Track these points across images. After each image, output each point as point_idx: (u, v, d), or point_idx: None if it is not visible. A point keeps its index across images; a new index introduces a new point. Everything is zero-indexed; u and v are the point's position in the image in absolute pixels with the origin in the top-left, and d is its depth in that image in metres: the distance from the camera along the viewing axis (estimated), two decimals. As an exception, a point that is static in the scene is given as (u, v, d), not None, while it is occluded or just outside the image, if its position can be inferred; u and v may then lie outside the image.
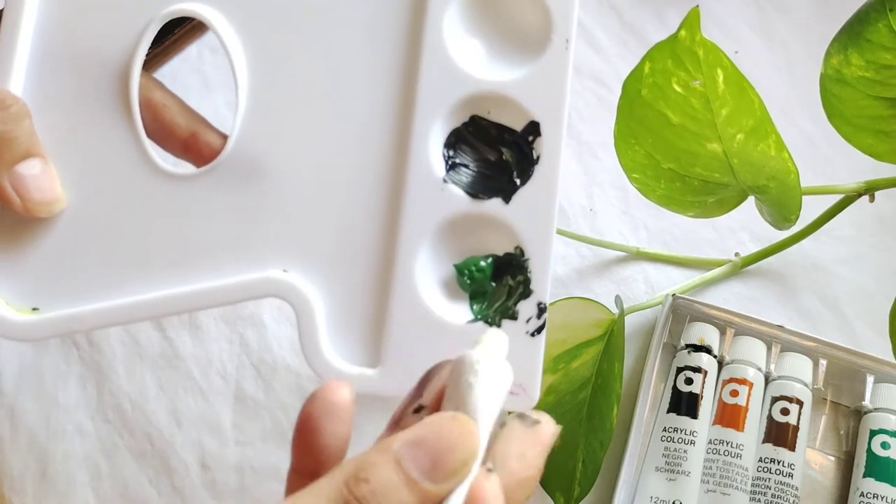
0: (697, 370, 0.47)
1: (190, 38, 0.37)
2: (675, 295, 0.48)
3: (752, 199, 0.46)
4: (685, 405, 0.46)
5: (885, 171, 0.46)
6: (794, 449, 0.45)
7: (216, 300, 0.32)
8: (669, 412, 0.46)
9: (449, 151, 0.32)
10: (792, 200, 0.43)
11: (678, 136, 0.42)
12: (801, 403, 0.46)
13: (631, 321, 0.50)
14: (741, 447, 0.45)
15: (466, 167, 0.32)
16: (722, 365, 0.48)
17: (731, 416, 0.46)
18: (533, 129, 0.31)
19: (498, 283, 0.31)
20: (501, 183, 0.31)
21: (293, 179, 0.32)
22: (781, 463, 0.45)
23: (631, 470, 0.46)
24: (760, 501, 0.44)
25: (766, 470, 0.45)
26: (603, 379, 0.46)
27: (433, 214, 0.31)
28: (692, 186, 0.45)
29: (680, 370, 0.47)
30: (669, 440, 0.45)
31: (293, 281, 0.31)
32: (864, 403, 0.46)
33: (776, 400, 0.46)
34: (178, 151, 0.34)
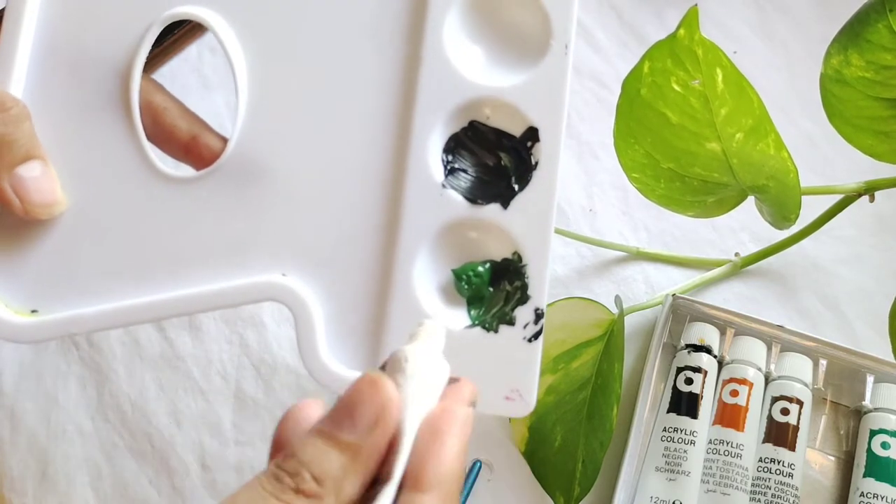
0: (697, 370, 0.47)
1: (190, 38, 0.37)
2: (675, 295, 0.48)
3: (751, 198, 0.46)
4: (685, 405, 0.46)
5: (885, 171, 0.46)
6: (794, 449, 0.45)
7: (215, 304, 0.32)
8: (669, 412, 0.46)
9: (448, 156, 0.32)
10: (791, 200, 0.43)
11: (677, 135, 0.42)
12: (801, 403, 0.46)
13: (631, 321, 0.50)
14: (741, 447, 0.45)
15: (465, 172, 0.32)
16: (722, 365, 0.48)
17: (731, 416, 0.46)
18: (532, 134, 0.31)
19: (495, 288, 0.31)
20: (500, 188, 0.31)
21: (293, 183, 0.32)
22: (781, 463, 0.45)
23: (631, 470, 0.46)
24: (760, 501, 0.44)
25: (766, 470, 0.45)
26: (603, 379, 0.46)
27: (432, 219, 0.31)
28: (692, 186, 0.45)
29: (680, 370, 0.47)
30: (669, 440, 0.45)
31: (292, 285, 0.31)
32: (864, 403, 0.46)
33: (776, 400, 0.46)
34: (178, 154, 0.34)
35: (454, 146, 0.32)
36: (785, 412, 0.46)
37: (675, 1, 0.59)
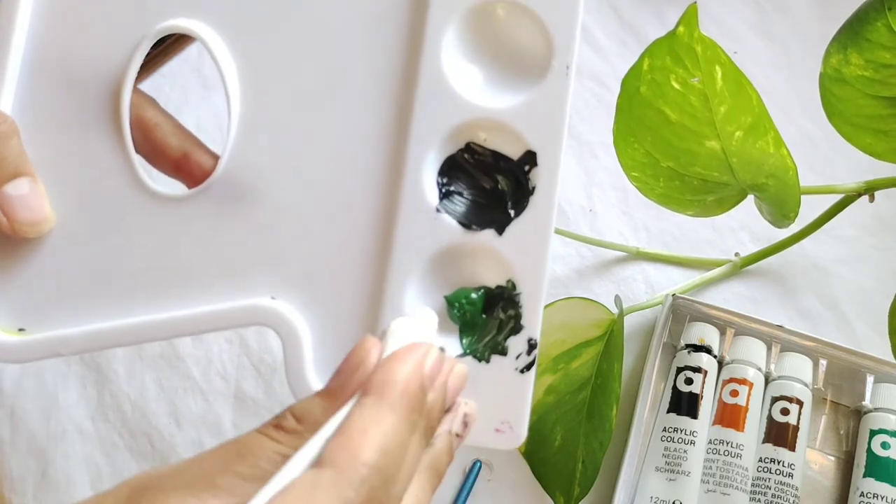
0: (697, 370, 0.47)
1: (180, 47, 0.37)
2: (675, 295, 0.48)
3: (751, 198, 0.46)
4: (685, 405, 0.46)
5: (884, 170, 0.46)
6: (794, 449, 0.45)
7: (202, 327, 0.31)
8: (669, 412, 0.46)
9: (443, 179, 0.31)
10: (791, 198, 0.43)
11: (677, 134, 0.42)
12: (801, 403, 0.46)
13: (631, 321, 0.50)
14: (741, 447, 0.45)
15: (460, 195, 0.31)
16: (722, 365, 0.48)
17: (731, 416, 0.46)
18: (529, 158, 0.30)
19: (489, 316, 0.31)
20: (495, 213, 0.30)
21: (284, 204, 0.31)
22: (781, 463, 0.45)
23: (631, 470, 0.46)
24: (760, 501, 0.44)
25: (766, 470, 0.45)
26: (603, 379, 0.46)
27: (425, 244, 0.30)
28: (691, 185, 0.45)
29: (680, 370, 0.47)
30: (669, 440, 0.45)
31: (281, 309, 0.31)
32: (864, 403, 0.46)
33: (776, 400, 0.46)
34: (169, 171, 0.34)
35: (450, 168, 0.31)
36: (785, 412, 0.46)
37: (674, 0, 0.59)
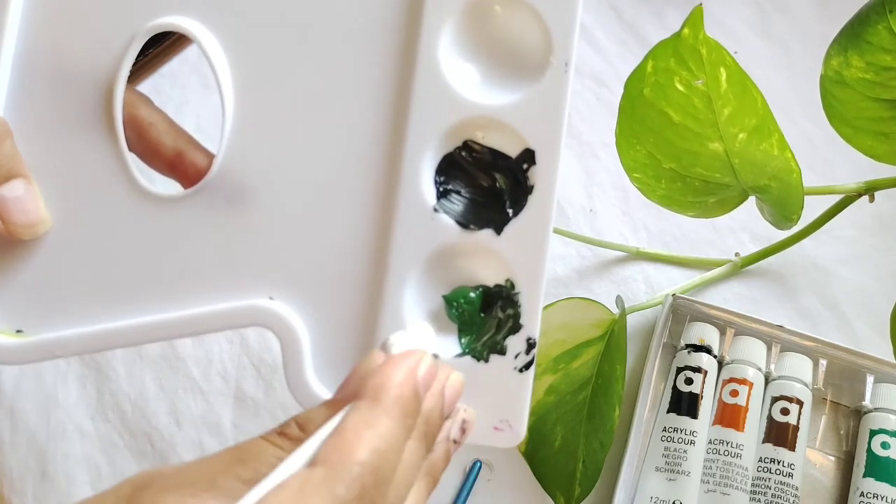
0: (697, 370, 0.47)
1: (176, 49, 0.36)
2: (675, 295, 0.48)
3: (752, 198, 0.47)
4: (685, 405, 0.46)
5: (884, 171, 0.46)
6: (794, 449, 0.45)
7: (199, 328, 0.31)
8: (669, 412, 0.46)
9: (441, 177, 0.31)
10: (794, 200, 0.43)
11: (679, 135, 0.42)
12: (801, 403, 0.46)
13: (631, 321, 0.50)
14: (741, 447, 0.45)
15: (458, 194, 0.31)
16: (722, 365, 0.48)
17: (731, 415, 0.46)
18: (528, 156, 0.30)
19: (487, 315, 0.30)
20: (493, 212, 0.30)
21: (280, 204, 0.31)
22: (781, 463, 0.45)
23: (631, 470, 0.46)
24: (760, 501, 0.44)
25: (766, 470, 0.45)
26: (603, 379, 0.46)
27: (423, 244, 0.30)
28: (693, 186, 0.45)
29: (680, 370, 0.47)
30: (669, 440, 0.45)
31: (278, 310, 0.30)
32: (864, 403, 0.47)
33: (776, 400, 0.46)
34: (164, 170, 0.33)
35: (447, 166, 0.31)
36: (785, 412, 0.46)
37: (675, 1, 0.59)
